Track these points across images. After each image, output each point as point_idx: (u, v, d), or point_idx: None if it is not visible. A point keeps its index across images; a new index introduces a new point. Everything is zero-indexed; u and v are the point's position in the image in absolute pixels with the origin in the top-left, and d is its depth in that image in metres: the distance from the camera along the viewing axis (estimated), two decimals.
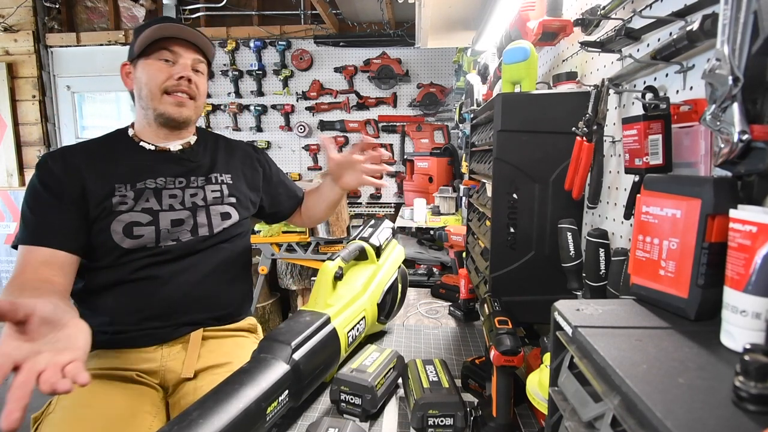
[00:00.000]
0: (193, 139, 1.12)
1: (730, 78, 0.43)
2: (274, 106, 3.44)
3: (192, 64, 1.04)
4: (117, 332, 0.96)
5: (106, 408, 0.86)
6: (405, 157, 3.35)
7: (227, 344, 1.04)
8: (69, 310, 0.71)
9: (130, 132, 1.08)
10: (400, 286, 1.20)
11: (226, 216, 1.08)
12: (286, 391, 0.73)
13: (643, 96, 0.65)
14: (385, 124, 3.42)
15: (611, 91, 0.77)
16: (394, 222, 2.39)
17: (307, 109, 3.43)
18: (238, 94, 3.42)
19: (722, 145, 0.44)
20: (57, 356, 0.57)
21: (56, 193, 0.93)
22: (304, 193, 1.32)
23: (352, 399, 0.81)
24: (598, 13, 0.81)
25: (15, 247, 0.91)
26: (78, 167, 0.96)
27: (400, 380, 0.91)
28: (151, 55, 1.00)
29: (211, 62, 1.11)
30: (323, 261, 0.98)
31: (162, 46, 1.00)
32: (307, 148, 3.48)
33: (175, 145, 1.07)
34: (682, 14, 0.62)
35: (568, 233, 0.76)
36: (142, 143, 1.05)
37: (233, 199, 1.10)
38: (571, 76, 0.95)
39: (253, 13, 3.39)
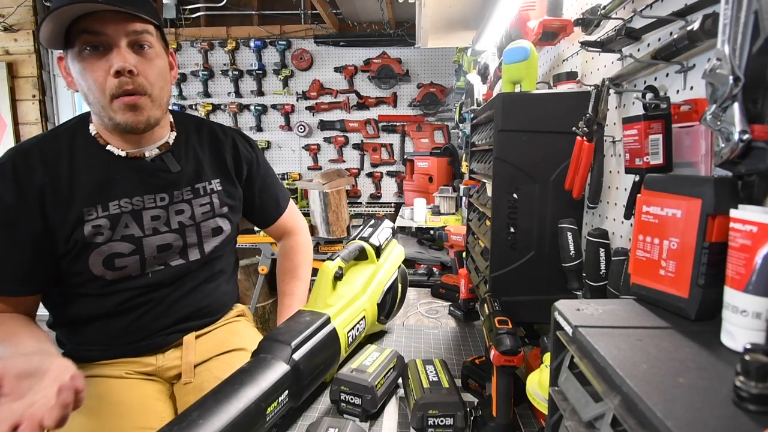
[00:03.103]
0: (171, 136, 0.93)
1: (731, 78, 0.43)
2: (274, 106, 3.44)
3: (130, 40, 0.78)
4: (106, 351, 0.92)
5: (117, 397, 0.86)
6: (405, 157, 3.35)
7: (220, 333, 1.04)
8: (47, 352, 0.68)
9: (92, 129, 0.87)
10: (400, 286, 1.20)
11: (217, 231, 0.98)
12: (286, 392, 0.73)
13: (644, 96, 0.65)
14: (385, 123, 3.42)
15: (611, 91, 0.77)
16: (394, 222, 2.39)
17: (307, 108, 3.43)
18: (238, 94, 3.42)
19: (723, 145, 0.44)
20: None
21: (8, 227, 0.78)
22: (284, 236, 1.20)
23: (352, 399, 0.81)
24: (599, 12, 0.81)
25: None
26: (34, 187, 0.79)
27: (400, 380, 0.91)
28: (75, 45, 0.77)
29: (159, 24, 0.84)
30: (323, 261, 0.98)
31: (82, 28, 0.75)
32: (307, 147, 3.48)
33: (150, 150, 0.89)
34: (682, 14, 0.62)
35: (569, 233, 0.76)
36: (109, 147, 0.86)
37: (225, 209, 0.99)
38: (572, 76, 0.95)
39: (253, 12, 3.39)
